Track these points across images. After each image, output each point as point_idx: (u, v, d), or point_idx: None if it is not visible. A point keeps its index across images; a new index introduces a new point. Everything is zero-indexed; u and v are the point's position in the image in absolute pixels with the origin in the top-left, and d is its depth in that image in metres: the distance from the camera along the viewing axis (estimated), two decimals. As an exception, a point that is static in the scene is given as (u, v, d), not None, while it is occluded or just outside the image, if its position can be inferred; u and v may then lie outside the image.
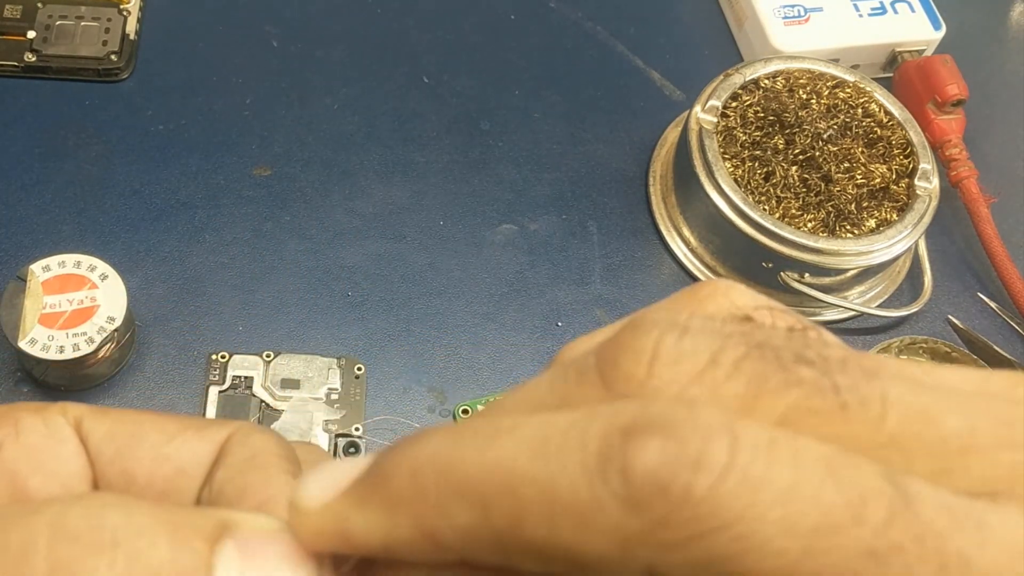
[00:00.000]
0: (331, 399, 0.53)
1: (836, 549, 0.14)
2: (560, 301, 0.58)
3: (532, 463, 0.16)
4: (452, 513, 0.17)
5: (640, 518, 0.15)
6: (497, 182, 0.62)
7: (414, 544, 0.17)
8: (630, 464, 0.15)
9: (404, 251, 0.59)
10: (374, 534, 0.17)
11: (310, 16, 0.67)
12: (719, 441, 0.15)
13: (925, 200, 0.57)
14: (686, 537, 0.15)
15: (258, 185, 0.60)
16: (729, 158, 0.57)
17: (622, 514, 0.15)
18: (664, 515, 0.15)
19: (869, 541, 0.14)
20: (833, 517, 0.14)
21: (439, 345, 0.56)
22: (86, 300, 0.50)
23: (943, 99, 0.63)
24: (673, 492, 0.15)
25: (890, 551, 0.14)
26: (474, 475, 0.16)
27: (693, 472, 0.15)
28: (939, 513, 0.15)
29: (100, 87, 0.62)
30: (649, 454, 0.15)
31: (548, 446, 0.16)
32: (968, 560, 0.14)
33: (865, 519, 0.14)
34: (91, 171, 0.59)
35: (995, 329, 0.60)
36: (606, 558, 0.16)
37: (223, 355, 0.53)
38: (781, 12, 0.66)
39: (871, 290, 0.60)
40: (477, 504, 0.16)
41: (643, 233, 0.61)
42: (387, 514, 0.17)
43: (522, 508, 0.16)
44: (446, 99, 0.65)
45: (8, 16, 0.62)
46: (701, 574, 0.15)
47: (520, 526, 0.16)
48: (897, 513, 0.14)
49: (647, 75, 0.68)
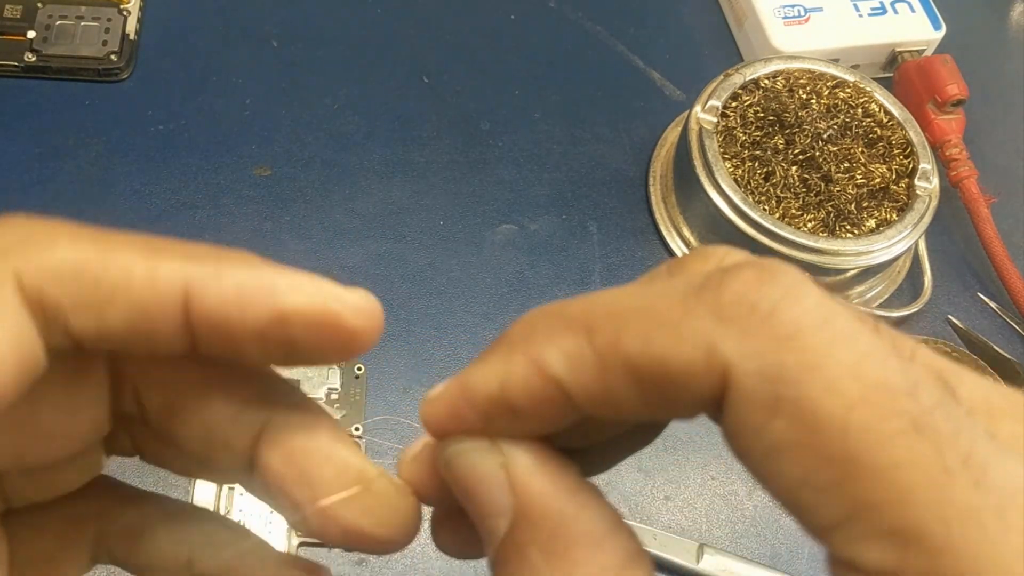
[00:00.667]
0: (331, 399, 0.53)
1: (887, 408, 0.16)
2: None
3: (633, 298, 0.19)
4: (559, 341, 0.19)
5: (728, 327, 0.17)
6: (497, 182, 0.62)
7: (528, 380, 0.19)
8: (727, 285, 0.18)
9: (404, 251, 0.59)
10: (492, 379, 0.20)
11: (310, 16, 0.67)
12: (812, 289, 0.17)
13: (925, 200, 0.57)
14: (763, 349, 0.17)
15: (258, 185, 0.60)
16: (729, 158, 0.57)
17: (712, 323, 0.17)
18: (748, 327, 0.17)
19: (915, 414, 0.16)
20: (894, 383, 0.17)
21: (439, 345, 0.56)
22: None
23: (943, 99, 0.63)
24: (760, 308, 0.17)
25: (928, 428, 0.16)
26: (578, 311, 0.19)
27: (782, 298, 0.17)
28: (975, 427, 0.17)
29: (100, 87, 0.62)
30: (743, 278, 0.18)
31: (646, 288, 0.19)
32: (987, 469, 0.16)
33: (918, 396, 0.16)
34: (91, 171, 0.59)
35: (995, 329, 0.60)
36: (692, 366, 0.18)
37: (223, 355, 0.53)
38: (781, 12, 0.66)
39: (871, 290, 0.60)
40: (581, 330, 0.19)
41: (643, 233, 0.61)
42: (503, 359, 0.20)
43: (622, 326, 0.18)
44: (446, 99, 0.65)
45: (8, 16, 0.62)
46: (765, 389, 0.17)
47: (619, 341, 0.18)
48: (943, 404, 0.17)
49: (647, 75, 0.68)
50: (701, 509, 0.53)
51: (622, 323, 0.18)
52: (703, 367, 0.17)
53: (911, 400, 0.16)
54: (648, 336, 0.18)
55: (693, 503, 0.53)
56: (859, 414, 0.16)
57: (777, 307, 0.17)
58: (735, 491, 0.54)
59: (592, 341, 0.19)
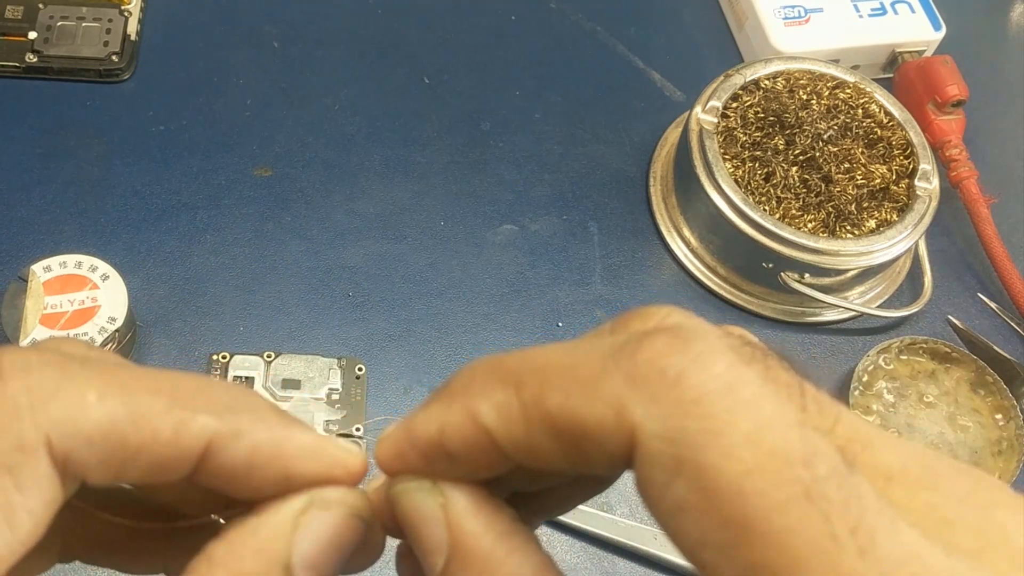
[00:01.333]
0: (332, 399, 0.53)
1: (780, 476, 0.17)
2: (561, 301, 0.58)
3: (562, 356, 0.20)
4: (492, 393, 0.20)
5: (638, 390, 0.18)
6: (498, 182, 0.62)
7: (463, 428, 0.21)
8: (642, 349, 0.19)
9: (405, 251, 0.59)
10: (432, 425, 0.21)
11: (311, 17, 0.67)
12: (722, 356, 0.18)
13: (925, 200, 0.57)
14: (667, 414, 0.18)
15: (259, 185, 0.60)
16: (729, 159, 0.57)
17: (625, 385, 0.19)
18: (656, 391, 0.18)
19: (807, 483, 0.17)
20: (790, 451, 0.17)
21: (440, 345, 0.56)
22: (87, 300, 0.50)
23: (943, 99, 0.63)
24: (669, 374, 0.18)
25: (819, 496, 0.17)
26: (512, 365, 0.21)
27: (690, 364, 0.18)
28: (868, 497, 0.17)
29: (101, 88, 0.62)
30: (657, 344, 0.19)
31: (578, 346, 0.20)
32: (875, 538, 0.17)
33: (813, 465, 0.17)
34: (92, 172, 0.59)
35: (995, 329, 0.60)
36: (603, 425, 0.19)
37: (224, 355, 0.53)
38: (781, 13, 0.66)
39: (871, 290, 0.60)
40: (512, 384, 0.20)
41: (643, 233, 0.61)
42: (443, 406, 0.21)
43: (547, 382, 0.20)
44: (447, 99, 0.65)
45: (9, 17, 0.63)
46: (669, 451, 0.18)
47: (543, 395, 0.20)
48: (837, 473, 0.17)
49: (647, 75, 0.68)
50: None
51: (547, 379, 0.20)
52: (614, 426, 0.19)
53: (806, 469, 0.17)
54: (568, 393, 0.19)
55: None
56: (754, 480, 0.17)
57: (684, 373, 0.18)
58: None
59: (520, 395, 0.20)
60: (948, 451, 0.54)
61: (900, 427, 0.55)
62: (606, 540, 0.51)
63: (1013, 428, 0.55)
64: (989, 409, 0.56)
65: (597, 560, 0.51)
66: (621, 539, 0.51)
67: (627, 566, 0.51)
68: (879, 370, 0.56)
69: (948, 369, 0.57)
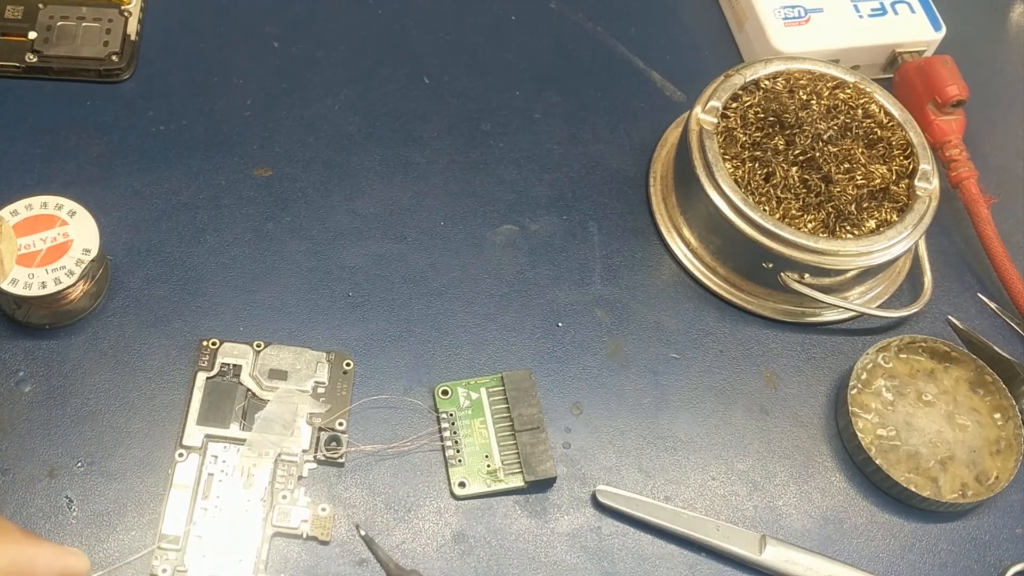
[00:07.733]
0: (317, 392, 0.53)
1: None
2: (560, 301, 0.58)
3: None
4: None
5: None
6: (498, 182, 0.62)
7: None
8: None
9: (405, 251, 0.59)
10: None
11: (311, 17, 0.68)
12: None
13: (925, 201, 0.57)
14: None
15: (259, 186, 0.60)
16: (729, 159, 0.57)
17: None
18: None
19: None
20: None
21: (440, 345, 0.56)
22: (59, 237, 0.52)
23: (943, 100, 0.63)
24: None
25: None
26: None
27: None
28: None
29: (101, 88, 0.63)
30: None
31: None
32: None
33: None
34: (92, 172, 0.59)
35: (995, 329, 0.60)
36: None
37: (214, 342, 0.54)
38: (781, 13, 0.66)
39: (871, 290, 0.60)
40: None
41: (643, 233, 0.61)
42: None
43: None
44: (447, 100, 0.65)
45: (9, 17, 0.63)
46: None
47: None
48: None
49: (647, 75, 0.68)
50: (701, 509, 0.53)
51: None
52: None
53: None
54: None
55: (693, 503, 0.53)
56: None
57: None
58: (735, 491, 0.54)
59: None
60: (946, 449, 0.54)
61: (898, 425, 0.55)
62: (669, 531, 0.52)
63: (1012, 428, 0.55)
64: (988, 408, 0.56)
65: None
66: (684, 530, 0.52)
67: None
68: (878, 368, 0.56)
69: (947, 368, 0.57)
